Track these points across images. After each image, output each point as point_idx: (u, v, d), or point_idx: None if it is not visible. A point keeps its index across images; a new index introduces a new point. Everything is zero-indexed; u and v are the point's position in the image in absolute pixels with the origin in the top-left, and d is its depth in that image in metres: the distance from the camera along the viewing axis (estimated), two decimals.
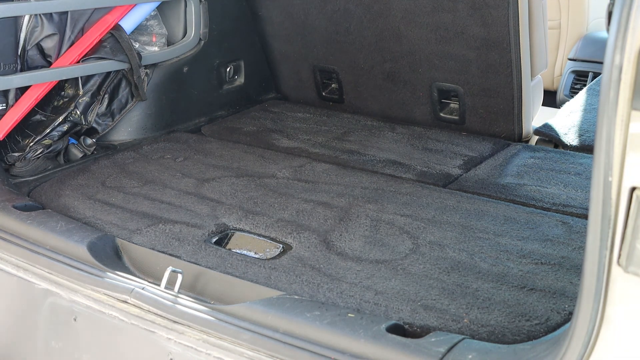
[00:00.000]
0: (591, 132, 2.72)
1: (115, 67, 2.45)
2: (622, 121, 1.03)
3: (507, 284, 1.68)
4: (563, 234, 1.93)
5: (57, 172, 2.31)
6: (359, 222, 1.99)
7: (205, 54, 2.80)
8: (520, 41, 2.53)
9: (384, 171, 2.39)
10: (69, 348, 1.74)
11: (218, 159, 2.46)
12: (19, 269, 1.81)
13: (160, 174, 2.32)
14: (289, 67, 3.11)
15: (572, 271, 1.74)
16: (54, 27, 2.32)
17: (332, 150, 2.58)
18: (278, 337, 1.46)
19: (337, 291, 1.65)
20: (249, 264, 1.78)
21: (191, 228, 1.95)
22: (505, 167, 2.43)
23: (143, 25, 2.59)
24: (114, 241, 1.88)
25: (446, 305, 1.59)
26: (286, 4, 2.93)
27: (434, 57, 2.70)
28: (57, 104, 2.43)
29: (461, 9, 2.55)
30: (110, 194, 2.16)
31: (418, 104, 2.84)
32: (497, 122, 2.70)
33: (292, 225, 1.96)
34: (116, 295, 1.64)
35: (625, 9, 1.01)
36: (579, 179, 2.31)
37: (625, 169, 1.05)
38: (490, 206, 2.09)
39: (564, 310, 1.57)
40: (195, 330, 1.53)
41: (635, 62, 1.01)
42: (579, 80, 4.54)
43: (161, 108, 2.69)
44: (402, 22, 2.70)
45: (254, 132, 2.75)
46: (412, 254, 1.82)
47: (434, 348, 1.38)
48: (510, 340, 1.48)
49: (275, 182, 2.26)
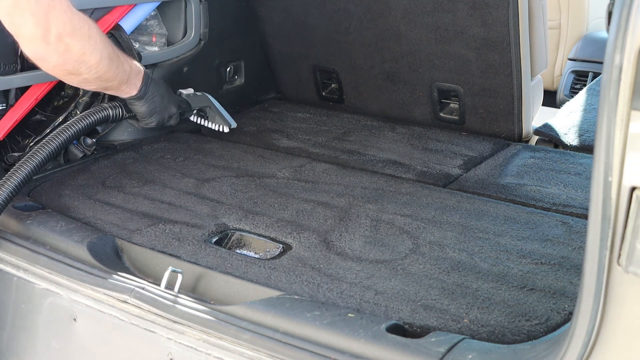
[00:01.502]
0: (591, 132, 2.72)
1: None
2: (622, 121, 1.03)
3: (507, 284, 1.68)
4: (563, 234, 1.93)
5: (57, 172, 2.31)
6: (359, 222, 1.99)
7: (205, 54, 2.80)
8: (520, 41, 2.53)
9: (384, 171, 2.39)
10: (69, 348, 1.74)
11: (218, 159, 2.46)
12: (19, 269, 1.81)
13: (160, 174, 2.32)
14: (289, 67, 3.11)
15: (572, 271, 1.74)
16: None
17: (332, 150, 2.58)
18: (278, 337, 1.47)
19: (337, 291, 1.66)
20: (249, 264, 1.78)
21: (191, 228, 1.95)
22: (505, 167, 2.43)
23: (143, 25, 2.59)
24: (114, 241, 1.88)
25: (446, 305, 1.59)
26: (286, 4, 2.93)
27: (434, 57, 2.70)
28: (57, 104, 2.43)
29: (461, 9, 2.55)
30: (110, 194, 2.16)
31: (418, 104, 2.84)
32: (497, 122, 2.70)
33: (292, 225, 1.97)
34: (116, 295, 1.64)
35: (625, 9, 1.01)
36: (579, 179, 2.32)
37: (625, 169, 1.05)
38: (490, 206, 2.09)
39: (564, 310, 1.57)
40: (195, 330, 1.53)
41: (635, 62, 1.01)
42: (579, 80, 4.54)
43: None
44: (402, 22, 2.70)
45: (254, 132, 2.75)
46: (412, 254, 1.82)
47: (434, 348, 1.38)
48: (510, 340, 1.48)
49: (275, 182, 2.26)
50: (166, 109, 2.26)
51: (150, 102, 2.19)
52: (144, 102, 2.17)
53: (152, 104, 2.19)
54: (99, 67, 1.89)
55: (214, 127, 2.56)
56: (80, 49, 1.81)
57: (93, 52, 1.85)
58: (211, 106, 2.54)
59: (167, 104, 2.27)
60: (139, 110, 2.20)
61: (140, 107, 2.19)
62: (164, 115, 2.26)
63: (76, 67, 1.85)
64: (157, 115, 2.24)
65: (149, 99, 2.18)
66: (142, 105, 2.18)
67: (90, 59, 1.85)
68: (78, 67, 1.85)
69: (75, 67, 1.85)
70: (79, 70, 1.87)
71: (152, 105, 2.20)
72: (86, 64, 1.86)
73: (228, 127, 2.57)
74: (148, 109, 2.20)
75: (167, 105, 2.27)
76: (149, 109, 2.20)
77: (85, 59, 1.84)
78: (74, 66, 1.84)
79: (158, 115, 2.24)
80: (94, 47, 1.85)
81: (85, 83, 1.96)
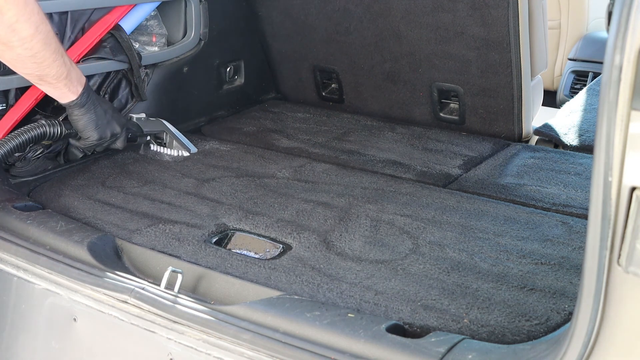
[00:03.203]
0: (591, 132, 2.72)
1: (115, 67, 2.45)
2: (622, 121, 1.03)
3: (507, 284, 1.68)
4: (563, 234, 1.93)
5: (57, 172, 2.31)
6: (359, 222, 1.99)
7: (205, 54, 2.80)
8: (520, 41, 2.54)
9: (384, 171, 2.39)
10: (69, 348, 1.74)
11: (218, 159, 2.46)
12: (19, 269, 1.81)
13: (160, 174, 2.32)
14: (289, 67, 3.11)
15: (572, 271, 1.74)
16: (54, 27, 2.31)
17: (332, 150, 2.58)
18: (278, 337, 1.47)
19: (337, 291, 1.66)
20: (249, 264, 1.78)
21: (191, 228, 1.95)
22: (505, 167, 2.43)
23: (143, 25, 2.59)
24: (114, 241, 1.88)
25: (446, 305, 1.59)
26: (286, 4, 2.93)
27: (434, 57, 2.70)
28: (57, 104, 2.43)
29: (461, 9, 2.55)
30: (110, 194, 2.16)
31: (418, 104, 2.84)
32: (497, 122, 2.70)
33: (292, 225, 1.97)
34: (116, 296, 1.64)
35: (625, 9, 1.01)
36: (579, 179, 2.32)
37: (625, 169, 1.05)
38: (490, 206, 2.09)
39: (564, 310, 1.57)
40: (195, 330, 1.53)
41: (635, 62, 1.01)
42: (579, 80, 4.55)
43: (161, 108, 2.69)
44: (402, 22, 2.70)
45: (254, 132, 2.75)
46: (412, 254, 1.82)
47: (434, 348, 1.38)
48: (510, 340, 1.48)
49: (275, 182, 2.26)
50: (109, 125, 2.13)
51: (92, 113, 2.07)
52: (85, 111, 2.06)
53: (93, 115, 2.07)
54: (33, 42, 1.77)
55: (173, 152, 2.46)
56: (14, 15, 1.70)
57: (28, 23, 1.74)
58: (167, 132, 2.46)
59: (111, 120, 2.14)
60: (79, 121, 2.07)
61: (80, 118, 2.07)
62: (105, 132, 2.13)
63: (7, 35, 1.73)
64: (98, 130, 2.10)
65: (90, 109, 2.06)
66: (83, 115, 2.06)
67: (23, 29, 1.74)
68: (9, 37, 1.73)
69: (6, 35, 1.73)
70: (11, 41, 1.74)
71: (94, 117, 2.08)
72: (19, 34, 1.74)
73: (187, 151, 2.47)
74: (89, 120, 2.07)
75: (111, 122, 2.14)
76: (89, 120, 2.08)
77: (18, 28, 1.73)
78: (6, 34, 1.72)
79: (99, 130, 2.11)
80: (30, 18, 1.74)
81: (19, 62, 1.84)
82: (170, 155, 2.46)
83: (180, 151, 2.47)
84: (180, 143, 2.47)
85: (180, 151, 2.47)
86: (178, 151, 2.47)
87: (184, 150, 2.47)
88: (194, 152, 2.49)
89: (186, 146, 2.48)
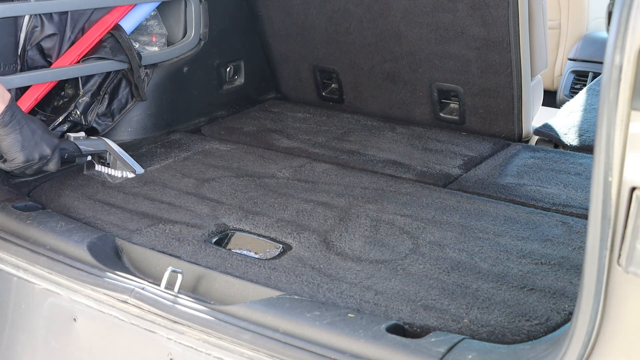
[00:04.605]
0: (591, 132, 2.72)
1: (115, 67, 2.45)
2: (622, 121, 1.03)
3: (507, 284, 1.68)
4: (563, 234, 1.93)
5: (57, 172, 2.31)
6: (359, 222, 1.99)
7: (205, 54, 2.80)
8: (520, 41, 2.54)
9: (384, 171, 2.39)
10: (69, 348, 1.74)
11: (218, 159, 2.46)
12: (19, 269, 1.81)
13: (160, 174, 2.32)
14: (289, 67, 3.11)
15: (572, 271, 1.74)
16: (54, 27, 2.32)
17: (332, 150, 2.58)
18: (278, 337, 1.47)
19: (337, 291, 1.66)
20: (249, 264, 1.78)
21: (191, 228, 1.95)
22: (505, 167, 2.43)
23: (143, 25, 2.59)
24: (114, 241, 1.88)
25: (446, 305, 1.59)
26: (286, 4, 2.93)
27: (434, 57, 2.70)
28: (57, 104, 2.44)
29: (461, 9, 2.55)
30: (110, 194, 2.16)
31: (418, 104, 2.84)
32: (497, 122, 2.70)
33: (292, 225, 1.97)
34: (116, 295, 1.64)
35: (625, 9, 1.01)
36: (579, 179, 2.32)
37: (625, 169, 1.05)
38: (490, 206, 2.09)
39: (564, 310, 1.57)
40: (195, 330, 1.53)
41: (635, 62, 1.01)
42: (579, 80, 4.55)
43: (161, 108, 2.69)
44: (402, 22, 2.70)
45: (254, 132, 2.75)
46: (412, 254, 1.82)
47: (434, 348, 1.38)
48: (510, 340, 1.48)
49: (275, 182, 2.26)
50: (37, 146, 1.95)
51: (17, 133, 1.90)
52: (9, 130, 1.89)
53: (19, 135, 1.90)
54: None
55: (117, 174, 2.29)
56: None
57: None
58: (110, 151, 2.30)
59: (39, 141, 1.96)
60: (2, 142, 1.91)
61: (3, 138, 1.90)
62: (33, 154, 1.95)
63: None
64: (24, 151, 1.93)
65: (16, 128, 1.89)
66: (7, 135, 1.89)
67: None
68: None
69: None
70: None
71: (19, 137, 1.91)
72: None
73: (132, 172, 2.30)
74: (14, 140, 1.90)
75: (39, 143, 1.96)
76: (14, 141, 1.90)
77: None
78: None
79: (26, 152, 1.93)
80: None
81: None
82: (114, 177, 2.29)
83: (125, 172, 2.30)
84: (125, 163, 2.31)
85: (124, 172, 2.30)
86: (122, 172, 2.30)
87: (128, 171, 2.30)
88: (139, 172, 2.31)
89: (131, 166, 2.31)
